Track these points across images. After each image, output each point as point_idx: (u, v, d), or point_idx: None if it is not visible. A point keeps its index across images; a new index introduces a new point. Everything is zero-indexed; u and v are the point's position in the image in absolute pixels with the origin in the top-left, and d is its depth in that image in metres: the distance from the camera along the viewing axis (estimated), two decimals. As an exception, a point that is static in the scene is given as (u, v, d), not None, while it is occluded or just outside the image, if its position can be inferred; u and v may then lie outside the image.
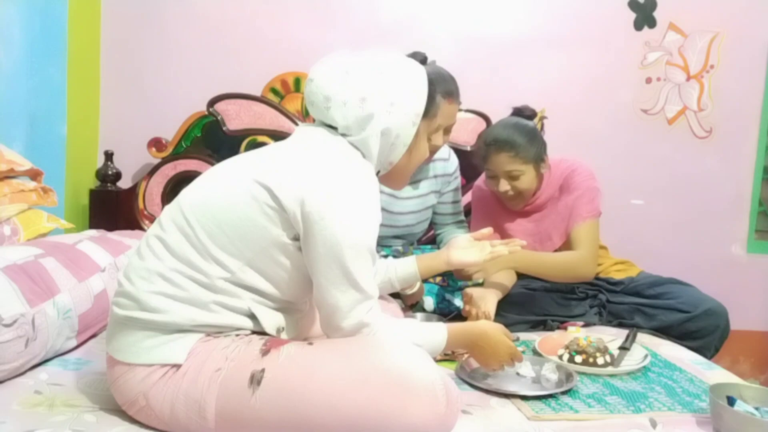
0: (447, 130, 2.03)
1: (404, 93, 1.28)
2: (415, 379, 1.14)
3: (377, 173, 1.34)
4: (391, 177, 1.39)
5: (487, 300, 1.83)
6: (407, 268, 1.67)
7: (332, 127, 1.29)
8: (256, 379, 1.13)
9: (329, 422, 1.12)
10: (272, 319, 1.24)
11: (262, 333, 1.24)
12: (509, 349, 1.42)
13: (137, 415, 1.19)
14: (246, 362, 1.15)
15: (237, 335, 1.21)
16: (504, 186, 2.01)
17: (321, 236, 1.16)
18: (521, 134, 1.98)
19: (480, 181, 2.22)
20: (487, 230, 1.75)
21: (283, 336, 1.26)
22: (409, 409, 1.11)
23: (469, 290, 1.86)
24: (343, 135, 1.28)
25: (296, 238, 1.20)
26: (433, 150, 2.00)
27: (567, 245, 2.07)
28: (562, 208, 2.08)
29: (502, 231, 2.12)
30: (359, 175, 1.22)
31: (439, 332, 1.35)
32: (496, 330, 1.42)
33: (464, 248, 1.69)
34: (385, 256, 2.04)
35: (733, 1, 2.72)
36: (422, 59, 2.01)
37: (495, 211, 2.15)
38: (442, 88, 1.89)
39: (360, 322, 1.21)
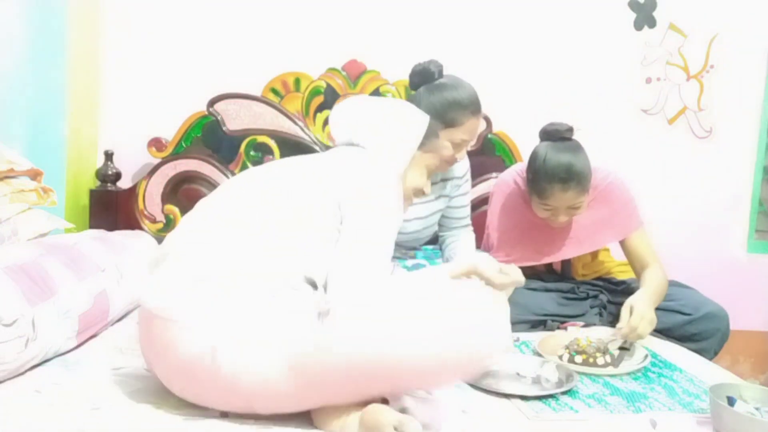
0: (466, 143, 2.04)
1: (401, 129, 1.51)
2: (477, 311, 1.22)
3: None
4: None
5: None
6: None
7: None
8: (322, 314, 1.21)
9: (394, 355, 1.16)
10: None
11: None
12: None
13: (193, 380, 1.20)
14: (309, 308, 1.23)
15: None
16: (563, 218, 1.96)
17: (363, 213, 1.32)
18: (583, 166, 1.90)
19: (507, 175, 2.17)
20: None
21: None
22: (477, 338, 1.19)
23: None
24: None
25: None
26: (453, 162, 2.01)
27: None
28: (598, 220, 2.05)
29: (525, 230, 2.07)
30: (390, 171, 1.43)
31: (440, 272, 1.47)
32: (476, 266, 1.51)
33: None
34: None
35: (733, 1, 2.72)
36: (439, 69, 2.02)
37: (519, 210, 2.09)
38: (473, 105, 1.96)
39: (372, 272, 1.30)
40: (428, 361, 1.16)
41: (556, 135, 1.95)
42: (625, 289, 2.12)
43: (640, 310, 1.75)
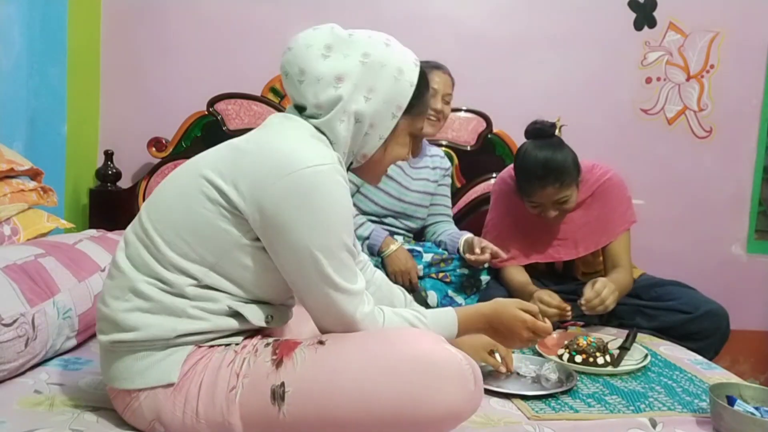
0: (446, 101, 2.11)
1: (387, 81, 1.19)
2: (442, 362, 1.10)
3: (350, 165, 1.26)
4: (364, 170, 1.29)
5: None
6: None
7: (301, 108, 1.21)
8: (278, 395, 1.09)
9: (364, 420, 1.09)
10: (257, 311, 1.17)
11: (252, 332, 1.19)
12: (526, 326, 1.31)
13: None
14: (261, 377, 1.10)
15: (237, 344, 1.16)
16: (552, 213, 1.97)
17: (287, 244, 1.10)
18: (562, 161, 1.90)
19: (505, 173, 2.17)
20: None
21: (273, 324, 1.21)
22: (441, 393, 1.08)
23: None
24: (312, 116, 1.19)
25: (257, 239, 1.13)
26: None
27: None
28: (593, 221, 2.06)
29: (523, 231, 2.07)
30: (322, 168, 1.10)
31: (449, 317, 1.28)
32: (507, 307, 1.32)
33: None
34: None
35: (733, 1, 2.72)
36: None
37: (517, 209, 2.09)
38: (429, 65, 1.94)
39: (351, 321, 1.15)
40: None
41: (537, 133, 1.96)
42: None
43: (610, 286, 1.84)
